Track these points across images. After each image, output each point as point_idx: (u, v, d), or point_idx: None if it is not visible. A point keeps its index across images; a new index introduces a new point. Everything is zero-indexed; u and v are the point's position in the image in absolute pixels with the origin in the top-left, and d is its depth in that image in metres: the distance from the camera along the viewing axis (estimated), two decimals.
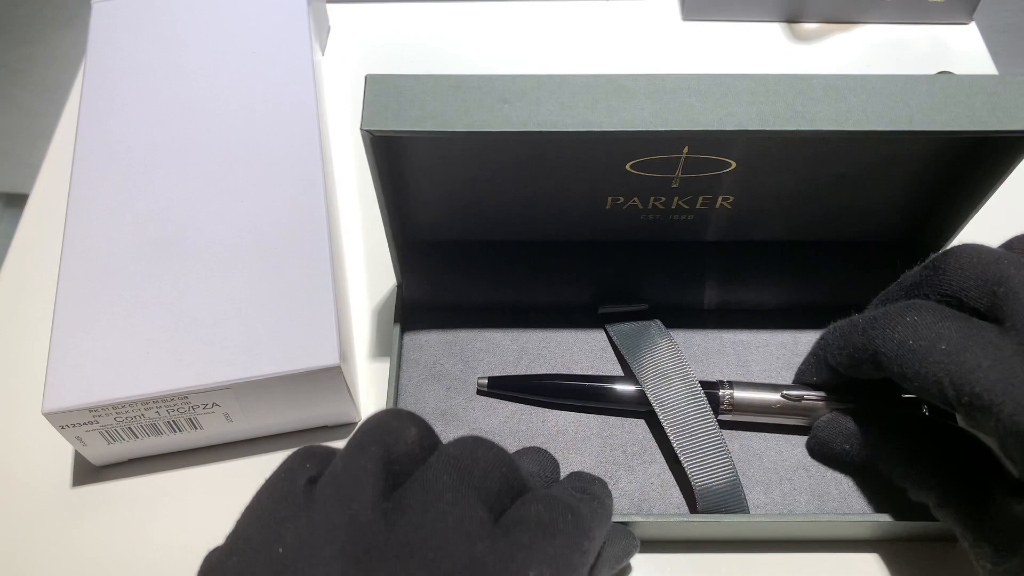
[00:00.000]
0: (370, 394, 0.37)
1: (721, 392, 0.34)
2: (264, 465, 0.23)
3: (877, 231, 0.37)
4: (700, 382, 0.34)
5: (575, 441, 0.34)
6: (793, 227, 0.37)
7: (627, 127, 0.27)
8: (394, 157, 0.31)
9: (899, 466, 0.31)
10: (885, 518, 0.31)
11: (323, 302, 0.33)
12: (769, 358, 0.36)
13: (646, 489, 0.33)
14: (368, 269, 0.41)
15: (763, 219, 0.36)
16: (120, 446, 0.34)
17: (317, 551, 0.19)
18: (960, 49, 0.50)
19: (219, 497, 0.22)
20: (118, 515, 0.34)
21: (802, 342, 0.37)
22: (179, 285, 0.34)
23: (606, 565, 0.27)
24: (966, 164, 0.32)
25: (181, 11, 0.43)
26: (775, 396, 0.34)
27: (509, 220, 0.36)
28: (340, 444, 0.23)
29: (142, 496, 0.35)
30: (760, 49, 0.50)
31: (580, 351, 0.37)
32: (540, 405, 0.35)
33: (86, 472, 0.35)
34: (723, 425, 0.34)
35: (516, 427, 0.35)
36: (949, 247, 0.29)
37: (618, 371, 0.36)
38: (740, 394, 0.34)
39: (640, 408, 0.34)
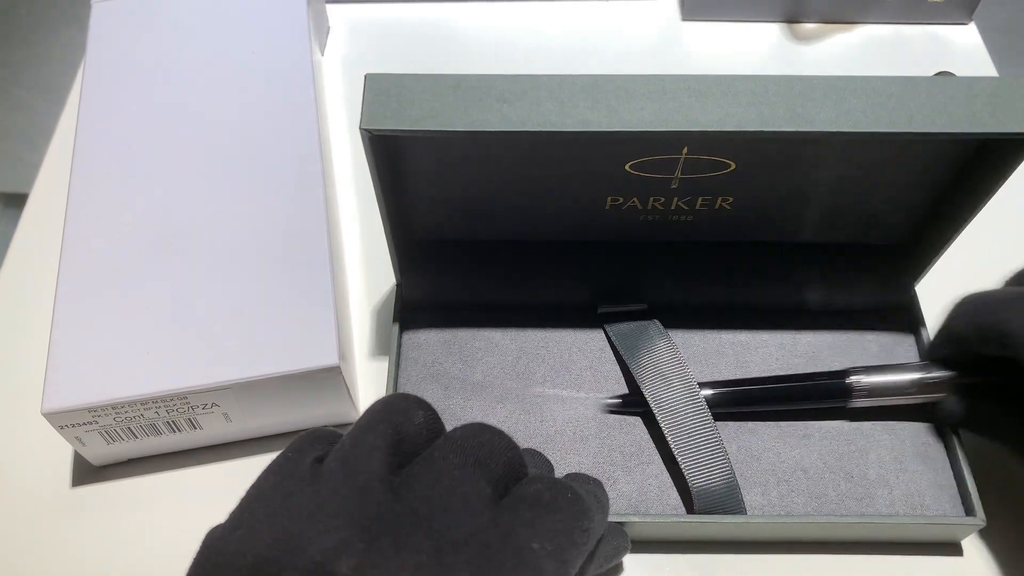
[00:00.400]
0: (369, 394, 0.37)
1: (852, 379, 0.33)
2: (264, 465, 0.23)
3: (877, 232, 0.37)
4: (827, 372, 0.34)
5: (573, 441, 0.34)
6: (793, 228, 0.37)
7: (627, 127, 0.27)
8: (393, 157, 0.31)
9: (1017, 445, 0.30)
10: (882, 520, 0.31)
11: (322, 302, 0.33)
12: (768, 358, 0.36)
13: (644, 490, 0.33)
14: (367, 269, 0.41)
15: (762, 220, 0.36)
16: (120, 446, 0.34)
17: (323, 520, 0.19)
18: (960, 49, 0.50)
19: (219, 497, 0.22)
20: (118, 515, 0.34)
21: (802, 342, 0.37)
22: (179, 285, 0.34)
23: (596, 562, 0.27)
24: (966, 166, 0.32)
25: (181, 11, 0.43)
26: (908, 377, 0.33)
27: (509, 220, 0.36)
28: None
29: (142, 496, 0.35)
30: (760, 49, 0.50)
31: (579, 351, 0.37)
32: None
33: (86, 472, 0.35)
34: (854, 414, 0.34)
35: (515, 427, 0.35)
36: None
37: (617, 371, 0.36)
38: (872, 379, 0.33)
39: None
